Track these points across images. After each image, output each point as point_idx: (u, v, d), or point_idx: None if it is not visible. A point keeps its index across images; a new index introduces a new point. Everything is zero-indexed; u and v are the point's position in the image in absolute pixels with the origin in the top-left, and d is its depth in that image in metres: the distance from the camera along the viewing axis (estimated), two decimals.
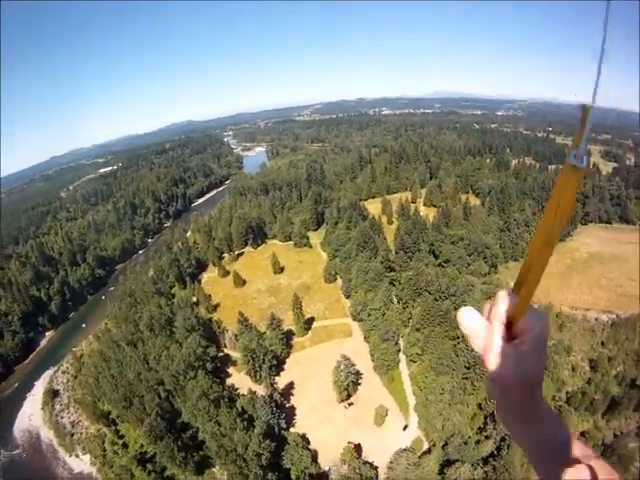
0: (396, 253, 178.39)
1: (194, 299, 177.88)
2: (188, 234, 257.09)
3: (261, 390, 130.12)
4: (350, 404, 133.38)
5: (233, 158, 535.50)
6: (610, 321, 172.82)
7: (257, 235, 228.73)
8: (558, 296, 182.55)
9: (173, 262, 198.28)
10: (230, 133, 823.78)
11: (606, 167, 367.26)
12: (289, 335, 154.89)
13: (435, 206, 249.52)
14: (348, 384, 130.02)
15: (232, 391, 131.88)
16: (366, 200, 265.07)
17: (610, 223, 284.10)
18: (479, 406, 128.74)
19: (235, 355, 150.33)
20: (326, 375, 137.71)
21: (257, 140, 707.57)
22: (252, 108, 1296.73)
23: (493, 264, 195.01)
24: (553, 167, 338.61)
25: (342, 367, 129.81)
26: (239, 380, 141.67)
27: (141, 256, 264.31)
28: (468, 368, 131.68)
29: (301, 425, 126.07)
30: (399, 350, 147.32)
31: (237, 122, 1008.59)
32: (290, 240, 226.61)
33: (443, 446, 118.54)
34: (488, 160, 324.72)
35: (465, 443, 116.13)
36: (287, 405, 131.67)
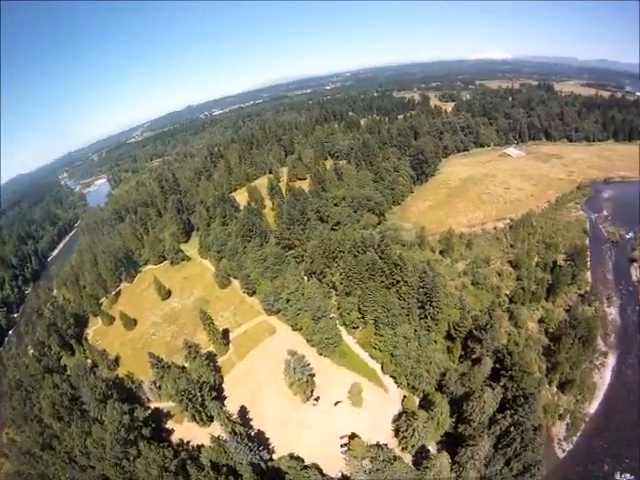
0: (288, 229, 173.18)
1: (89, 362, 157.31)
2: (54, 292, 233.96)
3: (217, 431, 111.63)
4: (317, 399, 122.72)
5: (76, 197, 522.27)
6: (507, 226, 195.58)
7: (129, 266, 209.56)
8: (451, 221, 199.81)
9: (50, 329, 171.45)
10: (65, 175, 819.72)
11: (447, 106, 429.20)
12: (211, 357, 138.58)
13: (301, 179, 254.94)
14: (307, 380, 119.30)
15: (188, 448, 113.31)
16: (230, 193, 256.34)
17: (467, 150, 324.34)
18: (450, 336, 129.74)
19: (165, 405, 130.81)
20: (275, 382, 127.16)
21: (95, 174, 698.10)
22: (84, 143, 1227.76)
23: (381, 212, 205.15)
24: (401, 116, 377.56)
25: (293, 364, 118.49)
26: (185, 431, 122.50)
27: (13, 337, 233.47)
28: (422, 307, 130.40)
29: (282, 445, 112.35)
30: (336, 323, 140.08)
31: (70, 162, 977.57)
32: (165, 260, 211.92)
33: (440, 389, 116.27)
34: (336, 125, 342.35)
35: (463, 374, 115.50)
36: (253, 433, 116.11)
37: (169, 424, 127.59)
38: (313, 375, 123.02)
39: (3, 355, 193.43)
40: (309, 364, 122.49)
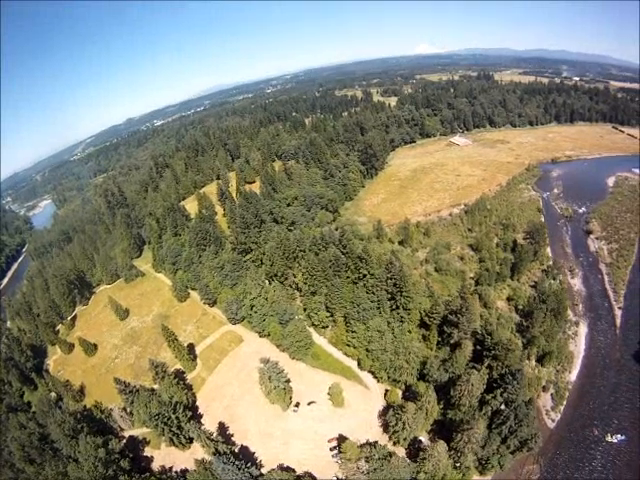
0: (242, 233, 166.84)
1: (53, 395, 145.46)
2: (8, 324, 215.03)
3: (199, 453, 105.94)
4: (297, 405, 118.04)
5: (20, 222, 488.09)
6: (462, 211, 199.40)
7: (82, 288, 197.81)
8: (406, 211, 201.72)
9: (7, 364, 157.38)
10: (9, 199, 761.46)
11: (390, 100, 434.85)
12: (179, 375, 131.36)
13: (250, 182, 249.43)
14: (284, 387, 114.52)
15: (172, 475, 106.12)
16: (179, 203, 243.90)
17: (414, 142, 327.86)
18: (423, 324, 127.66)
19: (139, 432, 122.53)
20: (250, 393, 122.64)
21: (39, 195, 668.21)
22: (24, 164, 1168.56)
23: (334, 209, 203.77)
24: (346, 113, 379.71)
25: (268, 372, 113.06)
26: (165, 457, 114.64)
27: None
28: (392, 298, 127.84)
29: (269, 458, 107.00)
30: (305, 325, 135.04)
31: (13, 184, 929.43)
32: (119, 278, 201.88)
33: (424, 378, 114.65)
34: (281, 126, 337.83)
35: (445, 360, 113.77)
36: (237, 449, 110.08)
37: (147, 451, 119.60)
38: (289, 381, 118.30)
39: None
40: (284, 370, 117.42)
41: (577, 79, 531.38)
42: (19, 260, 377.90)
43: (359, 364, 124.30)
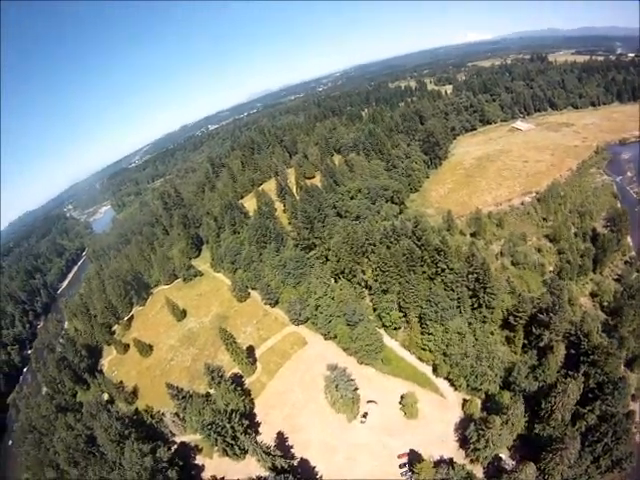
0: (305, 228, 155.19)
1: (105, 396, 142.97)
2: (66, 324, 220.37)
3: (253, 465, 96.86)
4: (365, 415, 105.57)
5: (81, 227, 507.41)
6: (534, 199, 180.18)
7: (139, 289, 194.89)
8: (476, 201, 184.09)
9: (61, 364, 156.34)
10: (70, 207, 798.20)
11: (445, 89, 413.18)
12: (237, 380, 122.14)
13: (309, 177, 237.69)
14: (352, 396, 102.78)
15: None
16: (237, 201, 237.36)
17: (475, 129, 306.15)
18: (506, 325, 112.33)
19: (192, 439, 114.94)
20: (314, 401, 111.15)
21: (99, 201, 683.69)
22: (85, 174, 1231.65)
23: (400, 201, 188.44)
24: (402, 103, 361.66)
25: (335, 380, 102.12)
26: (217, 467, 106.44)
27: (28, 374, 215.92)
28: (474, 295, 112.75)
29: (332, 474, 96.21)
30: (375, 327, 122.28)
31: (75, 194, 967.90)
32: (177, 278, 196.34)
33: (508, 386, 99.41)
34: (337, 120, 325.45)
35: (534, 367, 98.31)
36: (296, 463, 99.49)
37: (198, 459, 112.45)
38: (357, 389, 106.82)
39: (16, 396, 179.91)
40: (352, 378, 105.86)
41: (633, 55, 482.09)
42: (79, 263, 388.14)
43: (435, 370, 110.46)
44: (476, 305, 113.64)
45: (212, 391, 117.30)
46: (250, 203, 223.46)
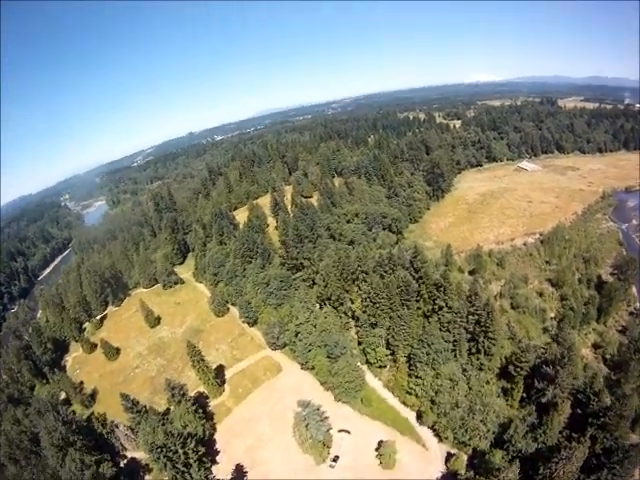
0: (295, 247, 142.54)
1: (62, 395, 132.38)
2: (39, 313, 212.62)
3: None
4: (335, 459, 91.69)
5: (73, 217, 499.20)
6: (537, 240, 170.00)
7: (116, 289, 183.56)
8: (477, 238, 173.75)
9: (21, 353, 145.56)
10: (67, 197, 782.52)
11: (454, 122, 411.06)
12: (201, 400, 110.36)
13: (306, 197, 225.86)
14: (324, 437, 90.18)
15: None
16: (229, 212, 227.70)
17: (481, 165, 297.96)
18: (504, 374, 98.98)
19: (144, 456, 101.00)
20: (280, 434, 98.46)
21: (95, 195, 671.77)
22: (86, 167, 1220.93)
23: (398, 230, 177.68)
24: (410, 133, 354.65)
25: (306, 419, 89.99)
26: None
27: None
28: (472, 339, 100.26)
29: None
30: (358, 362, 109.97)
31: (73, 185, 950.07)
32: (156, 283, 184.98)
33: (501, 444, 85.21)
34: (342, 143, 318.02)
35: (534, 425, 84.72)
36: None
37: None
38: (330, 429, 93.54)
39: None
40: (326, 416, 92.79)
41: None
42: (64, 254, 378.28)
43: (419, 417, 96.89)
44: (474, 350, 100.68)
45: (172, 409, 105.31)
46: (242, 215, 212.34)
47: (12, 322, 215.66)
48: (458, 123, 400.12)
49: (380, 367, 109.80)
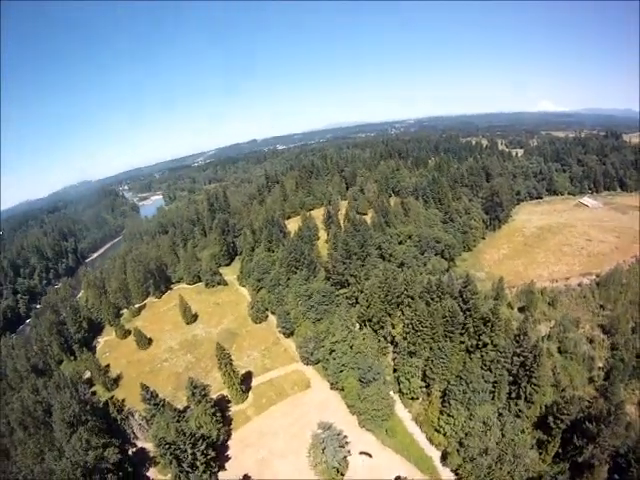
0: (342, 262, 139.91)
1: (87, 374, 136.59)
2: (80, 294, 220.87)
3: None
4: None
5: (128, 207, 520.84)
6: (592, 282, 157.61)
7: (159, 281, 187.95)
8: (530, 274, 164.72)
9: (54, 327, 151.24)
10: (126, 187, 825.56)
11: (516, 151, 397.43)
12: (222, 404, 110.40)
13: (361, 213, 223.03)
14: (339, 464, 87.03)
15: None
16: (282, 220, 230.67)
17: (541, 197, 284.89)
18: (541, 425, 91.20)
19: (153, 448, 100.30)
20: (295, 454, 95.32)
21: (153, 189, 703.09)
22: (148, 162, 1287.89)
23: (451, 257, 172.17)
24: (471, 158, 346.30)
25: (323, 441, 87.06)
26: None
27: (27, 327, 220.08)
28: (514, 382, 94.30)
29: None
30: (389, 390, 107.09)
31: (133, 177, 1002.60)
32: (199, 281, 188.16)
33: None
34: (402, 162, 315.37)
35: None
36: None
37: (151, 472, 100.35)
38: (347, 456, 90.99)
39: (3, 341, 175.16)
40: (346, 442, 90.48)
41: None
42: (114, 241, 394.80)
43: (444, 458, 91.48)
44: (514, 394, 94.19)
45: (191, 408, 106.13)
46: (294, 225, 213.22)
47: (52, 297, 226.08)
48: (521, 152, 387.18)
49: (412, 399, 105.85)
